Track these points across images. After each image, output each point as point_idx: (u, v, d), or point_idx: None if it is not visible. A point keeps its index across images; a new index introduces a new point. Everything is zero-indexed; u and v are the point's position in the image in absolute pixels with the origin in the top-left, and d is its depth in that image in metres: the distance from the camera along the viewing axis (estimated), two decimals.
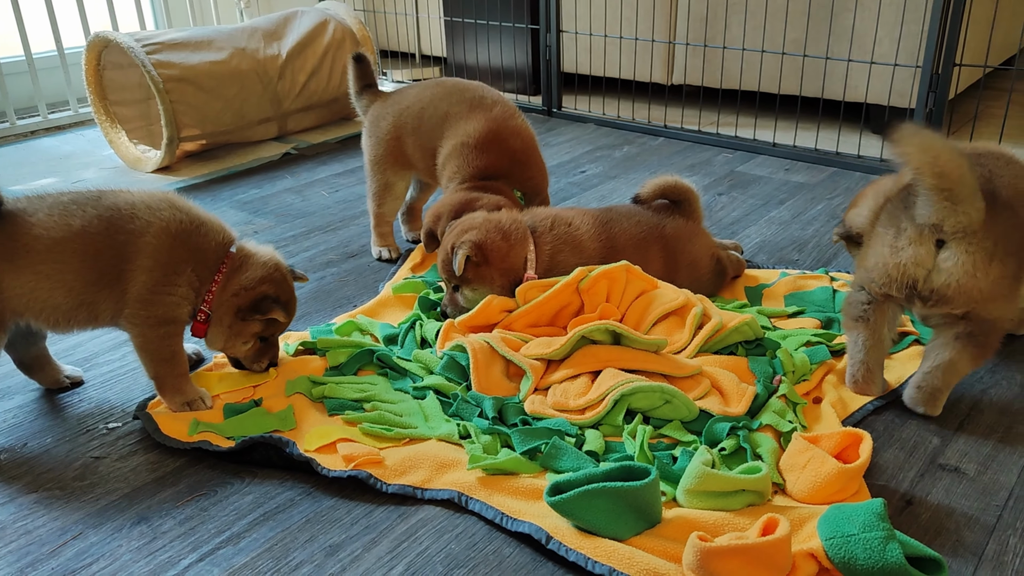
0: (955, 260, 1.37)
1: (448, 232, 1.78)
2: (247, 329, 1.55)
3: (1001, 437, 1.44)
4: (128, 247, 1.45)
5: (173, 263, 1.48)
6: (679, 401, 1.44)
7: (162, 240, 1.47)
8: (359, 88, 2.19)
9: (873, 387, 1.53)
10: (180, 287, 1.48)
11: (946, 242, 1.38)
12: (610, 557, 1.15)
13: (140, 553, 1.23)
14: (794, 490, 1.28)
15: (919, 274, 1.40)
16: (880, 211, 1.54)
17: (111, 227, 1.45)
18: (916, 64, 2.72)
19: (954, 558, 1.18)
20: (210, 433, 1.46)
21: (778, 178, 2.73)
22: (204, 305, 1.51)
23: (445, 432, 1.44)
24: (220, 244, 1.54)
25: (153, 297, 1.46)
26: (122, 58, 2.95)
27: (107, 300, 1.47)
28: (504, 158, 1.99)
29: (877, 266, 1.44)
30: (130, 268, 1.45)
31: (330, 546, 1.24)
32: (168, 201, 1.52)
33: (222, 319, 1.52)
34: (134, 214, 1.47)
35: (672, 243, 1.84)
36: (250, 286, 1.53)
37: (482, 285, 1.73)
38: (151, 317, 1.47)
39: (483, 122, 2.00)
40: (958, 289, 1.38)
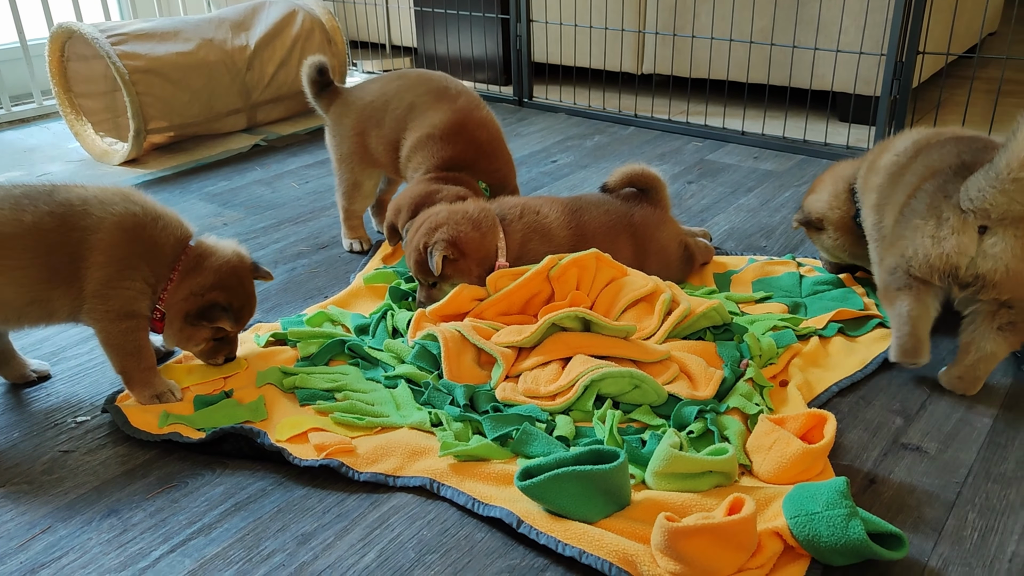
0: (1004, 245, 1.38)
1: (413, 230, 1.76)
2: (198, 334, 1.54)
3: (962, 416, 1.47)
4: (82, 244, 1.43)
5: (128, 258, 1.46)
6: (648, 386, 1.46)
7: (116, 235, 1.45)
8: (317, 91, 2.14)
9: (922, 355, 1.50)
10: (136, 281, 1.47)
11: (990, 228, 1.39)
12: (580, 539, 1.16)
13: (110, 545, 1.23)
14: (760, 471, 1.31)
15: (962, 262, 1.41)
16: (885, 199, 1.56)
17: (64, 223, 1.43)
18: (881, 52, 2.75)
19: (915, 534, 1.21)
20: (180, 425, 1.46)
21: (747, 166, 2.75)
22: (159, 303, 1.51)
23: (417, 420, 1.45)
24: (177, 240, 1.52)
25: (109, 292, 1.45)
26: (87, 49, 2.91)
27: (63, 297, 1.45)
28: (469, 149, 1.98)
29: (917, 256, 1.45)
30: (84, 265, 1.43)
31: (302, 535, 1.24)
32: (123, 195, 1.50)
33: (172, 321, 1.52)
34: (87, 210, 1.45)
35: (641, 231, 1.86)
36: (199, 292, 1.51)
37: (460, 278, 1.73)
38: (110, 312, 1.46)
39: (448, 113, 1.98)
40: (1006, 274, 1.39)
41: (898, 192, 1.60)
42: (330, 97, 2.15)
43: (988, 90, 3.48)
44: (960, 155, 1.51)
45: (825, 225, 1.84)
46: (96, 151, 2.91)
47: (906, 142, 1.69)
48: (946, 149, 1.56)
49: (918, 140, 1.67)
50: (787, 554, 1.15)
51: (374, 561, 1.19)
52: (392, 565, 1.18)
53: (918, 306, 1.49)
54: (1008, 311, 1.46)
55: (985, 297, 1.45)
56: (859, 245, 1.81)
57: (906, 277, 1.49)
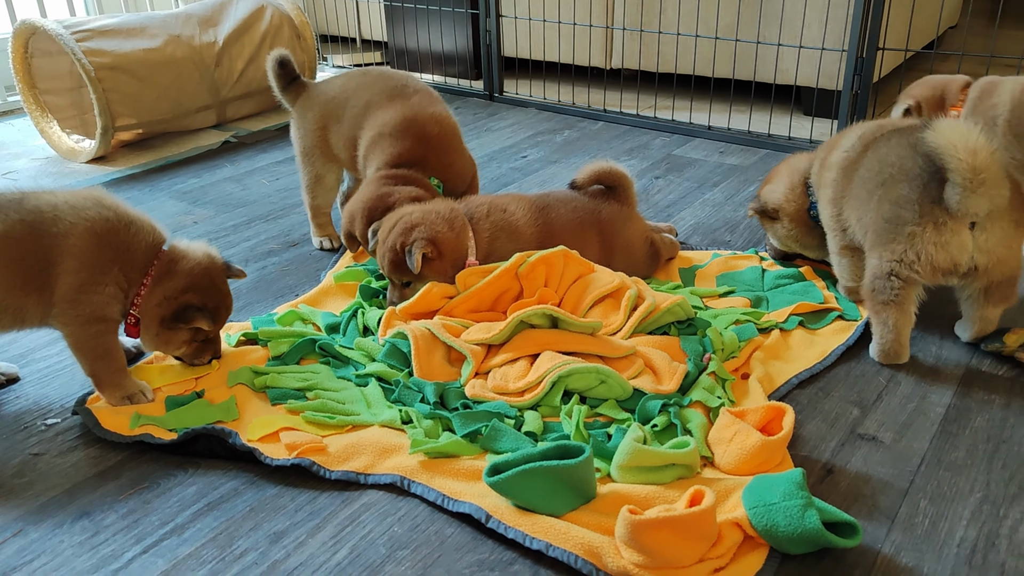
0: (994, 239, 1.51)
1: (386, 230, 1.77)
2: (175, 337, 1.55)
3: (916, 407, 1.52)
4: (53, 251, 1.43)
5: (99, 263, 1.46)
6: (614, 381, 1.49)
7: (87, 241, 1.45)
8: (284, 85, 2.14)
9: (903, 357, 1.64)
10: (108, 286, 1.47)
11: (978, 223, 1.50)
12: (547, 533, 1.20)
13: (83, 548, 1.24)
14: (722, 462, 1.35)
15: (963, 259, 1.51)
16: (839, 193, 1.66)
17: (34, 231, 1.42)
18: (842, 48, 2.81)
19: (869, 522, 1.26)
20: (152, 426, 1.47)
21: (713, 161, 2.80)
22: (133, 308, 1.51)
23: (387, 418, 1.47)
24: (150, 245, 1.52)
25: (80, 297, 1.45)
26: (51, 45, 2.89)
27: (34, 304, 1.45)
28: (419, 145, 1.97)
29: (920, 261, 1.53)
30: (56, 271, 1.43)
31: (275, 533, 1.26)
32: (94, 199, 1.50)
33: (148, 326, 1.52)
34: (57, 216, 1.44)
35: (607, 227, 1.89)
36: (173, 296, 1.52)
37: (435, 278, 1.75)
38: (80, 316, 1.46)
39: (400, 110, 1.98)
40: (998, 263, 1.52)
41: (857, 188, 1.66)
42: (296, 91, 2.16)
43: None
44: (917, 148, 1.57)
45: (781, 216, 1.91)
46: (63, 148, 2.89)
47: (852, 138, 1.76)
48: (894, 142, 1.63)
49: (863, 135, 1.74)
50: (746, 543, 1.19)
51: (346, 558, 1.21)
52: (363, 561, 1.20)
53: (903, 316, 1.60)
54: (998, 286, 1.59)
55: (979, 284, 1.58)
56: (811, 236, 1.90)
57: (898, 285, 1.56)
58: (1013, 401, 1.52)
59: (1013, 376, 1.60)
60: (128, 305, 1.51)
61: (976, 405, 1.52)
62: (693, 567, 1.14)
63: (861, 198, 1.65)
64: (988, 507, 1.28)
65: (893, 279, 1.57)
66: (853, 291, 1.81)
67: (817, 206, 1.84)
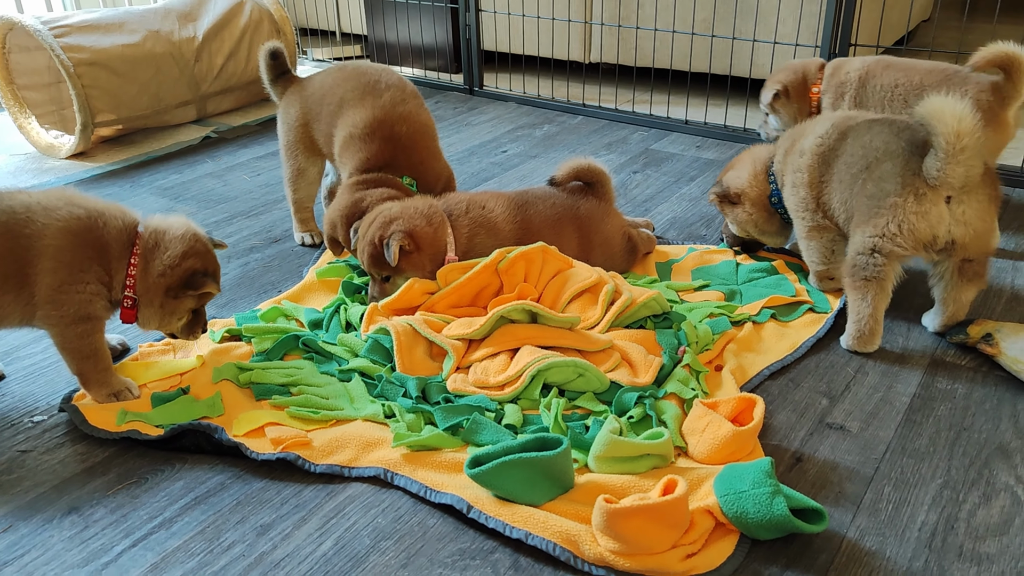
0: (970, 211, 1.57)
1: (365, 225, 1.80)
2: (181, 306, 1.56)
3: (883, 396, 1.58)
4: (28, 252, 1.44)
5: (77, 262, 1.47)
6: (591, 374, 1.53)
7: (61, 240, 1.46)
8: (273, 77, 2.18)
9: (875, 342, 1.69)
10: (88, 284, 1.48)
11: (954, 197, 1.57)
12: (526, 522, 1.24)
13: (72, 542, 1.27)
14: (695, 452, 1.39)
15: (941, 230, 1.58)
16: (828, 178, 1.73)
17: (8, 232, 1.44)
18: (816, 45, 2.86)
19: (836, 507, 1.31)
20: (138, 422, 1.49)
21: (689, 155, 2.84)
22: (127, 291, 1.52)
23: (370, 413, 1.50)
24: (122, 230, 1.53)
25: (62, 297, 1.46)
26: (28, 40, 2.88)
27: (12, 304, 1.46)
28: (387, 147, 1.98)
29: (902, 232, 1.59)
30: (32, 272, 1.45)
31: (261, 526, 1.29)
32: (65, 199, 1.51)
33: (152, 300, 1.53)
34: (30, 217, 1.45)
35: (586, 223, 1.93)
36: (174, 263, 1.52)
37: (414, 272, 1.78)
38: (64, 316, 1.47)
39: (369, 111, 1.99)
40: (975, 236, 1.59)
41: (840, 172, 1.74)
42: (284, 85, 2.19)
43: None
44: (900, 134, 1.65)
45: (743, 200, 1.98)
46: (41, 144, 2.88)
47: (825, 125, 1.82)
48: (876, 130, 1.70)
49: (837, 123, 1.80)
50: (718, 530, 1.24)
51: (331, 549, 1.25)
52: (348, 552, 1.24)
53: (882, 293, 1.66)
54: (971, 264, 1.65)
55: (955, 259, 1.65)
56: (769, 222, 1.99)
57: (880, 261, 1.62)
58: (975, 390, 1.58)
59: (975, 366, 1.65)
60: (118, 294, 1.52)
61: (940, 394, 1.57)
62: (667, 553, 1.18)
63: (845, 181, 1.73)
64: (948, 492, 1.34)
65: (876, 255, 1.63)
66: (823, 275, 1.87)
67: (780, 193, 1.92)
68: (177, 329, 1.60)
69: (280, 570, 1.21)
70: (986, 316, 1.81)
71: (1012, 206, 2.37)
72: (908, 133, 1.65)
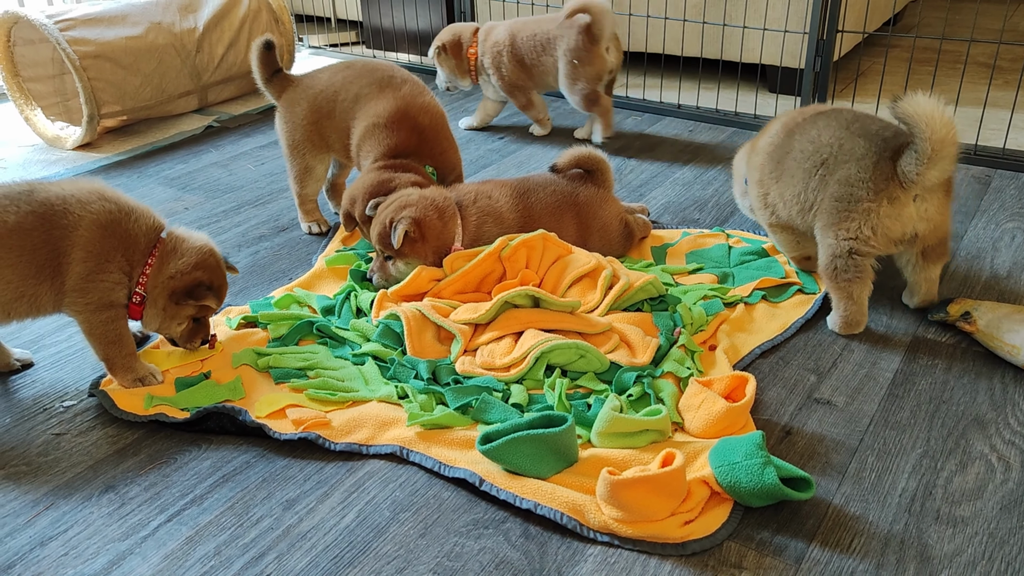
0: (932, 208, 1.67)
1: (384, 205, 1.90)
2: (181, 312, 1.64)
3: (867, 372, 1.67)
4: (63, 241, 1.52)
5: (105, 251, 1.55)
6: (592, 355, 1.62)
7: (94, 232, 1.54)
8: (267, 75, 2.22)
9: (861, 326, 1.78)
10: (112, 273, 1.56)
11: (919, 195, 1.65)
12: (535, 493, 1.33)
13: (112, 518, 1.36)
14: (691, 427, 1.49)
15: (910, 228, 1.68)
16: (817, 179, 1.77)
17: (45, 223, 1.52)
18: (804, 31, 2.93)
19: (823, 477, 1.41)
20: (165, 406, 1.58)
21: (682, 139, 2.92)
22: (138, 287, 1.60)
23: (385, 394, 1.59)
24: (150, 229, 1.61)
25: (88, 285, 1.54)
26: (32, 33, 2.93)
27: (47, 292, 1.54)
28: (413, 135, 2.08)
29: (876, 235, 1.68)
30: (66, 261, 1.53)
31: (287, 500, 1.38)
32: (98, 193, 1.59)
33: (156, 301, 1.61)
34: (67, 209, 1.53)
35: (584, 210, 2.02)
36: (185, 271, 1.61)
37: (415, 258, 1.87)
38: (90, 303, 1.56)
39: (392, 101, 2.08)
40: (936, 229, 1.70)
41: (792, 168, 1.81)
42: (281, 84, 2.23)
43: (906, 58, 3.69)
44: (850, 127, 1.72)
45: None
46: (48, 136, 2.94)
47: (777, 125, 1.92)
48: (822, 124, 1.77)
49: (786, 122, 1.89)
50: (713, 498, 1.34)
51: (354, 521, 1.34)
52: (370, 524, 1.33)
53: (865, 287, 1.75)
54: (933, 248, 1.75)
55: (918, 248, 1.74)
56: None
57: (859, 262, 1.70)
58: (954, 365, 1.68)
59: (955, 343, 1.75)
60: (132, 287, 1.60)
61: (921, 370, 1.67)
62: (666, 520, 1.28)
63: (797, 177, 1.80)
64: (927, 461, 1.43)
65: (855, 257, 1.71)
66: (797, 259, 1.97)
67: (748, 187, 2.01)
68: (176, 334, 1.68)
69: (307, 541, 1.30)
70: (965, 295, 1.90)
71: (993, 188, 2.46)
72: (858, 126, 1.72)
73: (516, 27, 2.84)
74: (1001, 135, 2.76)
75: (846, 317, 1.77)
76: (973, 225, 2.24)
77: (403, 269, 1.88)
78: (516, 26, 2.84)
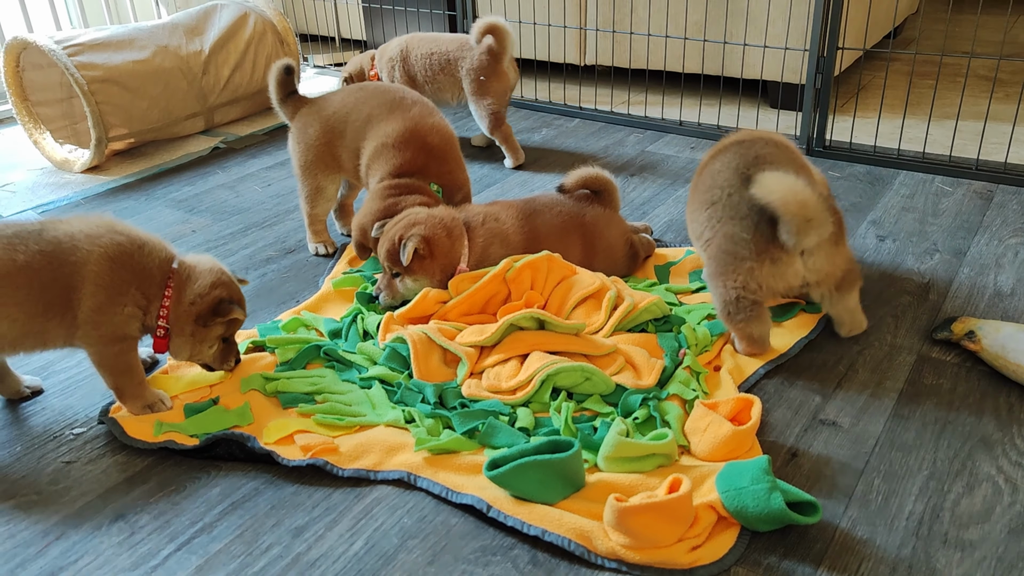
0: (821, 260, 1.68)
1: (393, 222, 1.92)
2: (210, 334, 1.65)
3: (872, 392, 1.68)
4: (73, 278, 1.53)
5: (116, 285, 1.56)
6: (597, 378, 1.63)
7: (103, 266, 1.55)
8: (282, 96, 2.25)
9: (766, 350, 1.79)
10: (126, 307, 1.57)
11: (806, 251, 1.66)
12: (542, 520, 1.34)
13: (122, 547, 1.37)
14: (697, 450, 1.49)
15: (797, 282, 1.69)
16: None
17: (54, 260, 1.53)
18: (804, 48, 2.94)
19: (829, 500, 1.41)
20: (174, 432, 1.59)
21: (685, 156, 2.93)
22: (161, 320, 1.61)
23: (392, 418, 1.60)
24: (163, 261, 1.63)
25: (100, 318, 1.56)
26: (40, 58, 2.96)
27: (57, 328, 1.55)
28: (421, 155, 2.11)
29: (761, 290, 1.69)
30: (76, 297, 1.54)
31: (295, 528, 1.39)
32: (107, 226, 1.60)
33: (183, 329, 1.63)
34: (75, 245, 1.54)
35: (590, 230, 2.03)
36: (204, 293, 1.63)
37: (423, 277, 1.89)
38: (103, 336, 1.57)
39: (401, 122, 2.12)
40: (827, 276, 1.69)
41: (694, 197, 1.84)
42: (295, 105, 2.27)
43: (907, 71, 3.71)
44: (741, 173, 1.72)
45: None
46: (57, 159, 2.97)
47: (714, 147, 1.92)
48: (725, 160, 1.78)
49: (716, 146, 1.90)
50: (720, 523, 1.34)
51: (362, 548, 1.35)
52: (378, 551, 1.34)
53: (762, 325, 1.75)
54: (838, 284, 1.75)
55: (816, 292, 1.75)
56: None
57: (748, 307, 1.71)
58: (959, 385, 1.68)
59: (959, 361, 1.76)
60: (152, 321, 1.61)
61: (926, 390, 1.67)
62: (674, 546, 1.28)
63: (695, 206, 1.83)
64: (934, 483, 1.44)
65: (742, 301, 1.71)
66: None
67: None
68: (209, 358, 1.70)
69: (316, 569, 1.31)
70: (969, 313, 1.91)
71: (995, 203, 2.47)
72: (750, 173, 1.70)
73: (411, 43, 3.00)
74: (1003, 149, 2.77)
75: (750, 348, 1.77)
76: (976, 241, 2.24)
77: (411, 287, 1.90)
78: (412, 42, 3.00)
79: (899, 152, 2.78)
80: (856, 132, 2.98)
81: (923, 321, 1.89)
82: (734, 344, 1.79)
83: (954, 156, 2.73)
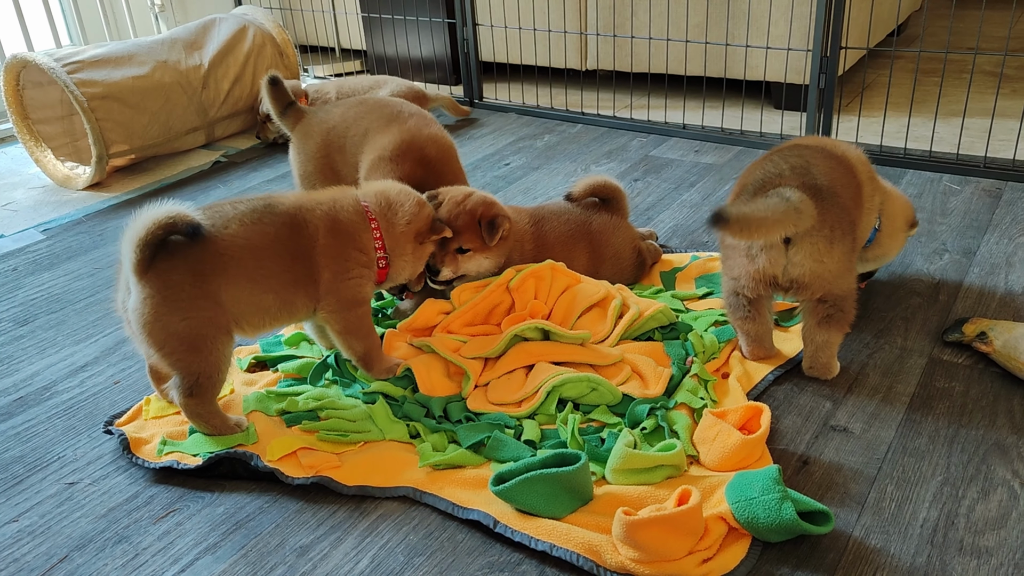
0: (804, 253, 1.59)
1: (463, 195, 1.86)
2: (425, 251, 1.77)
3: (883, 397, 1.65)
4: (311, 249, 1.61)
5: (341, 254, 1.64)
6: (604, 388, 1.61)
7: (327, 239, 1.63)
8: (281, 109, 2.24)
9: (769, 354, 1.76)
10: (353, 269, 1.65)
11: (792, 240, 1.59)
12: (550, 534, 1.32)
13: (125, 570, 1.35)
14: (706, 460, 1.47)
15: (777, 271, 1.62)
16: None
17: (294, 232, 1.60)
18: (807, 48, 2.92)
19: (841, 508, 1.39)
20: (177, 452, 1.57)
21: (688, 160, 2.91)
22: (379, 251, 1.68)
23: (396, 433, 1.58)
24: (357, 210, 1.68)
25: (339, 285, 1.63)
26: (40, 76, 2.96)
27: (303, 298, 1.63)
28: (419, 166, 2.09)
29: (741, 277, 1.65)
30: (316, 268, 1.62)
31: (300, 547, 1.38)
32: (309, 199, 1.66)
33: (404, 251, 1.71)
34: (305, 219, 1.62)
35: (598, 238, 2.01)
36: (417, 212, 1.72)
37: (493, 257, 1.88)
38: (343, 301, 1.64)
39: (397, 134, 2.10)
40: (812, 276, 1.60)
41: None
42: (295, 117, 2.26)
43: (911, 69, 3.68)
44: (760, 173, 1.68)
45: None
46: (58, 177, 2.97)
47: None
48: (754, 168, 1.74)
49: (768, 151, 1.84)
50: (731, 535, 1.32)
51: (368, 566, 1.33)
52: (384, 569, 1.32)
53: (759, 327, 1.72)
54: (823, 305, 1.64)
55: (803, 297, 1.65)
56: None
57: (745, 303, 1.68)
58: (971, 388, 1.65)
59: (971, 364, 1.73)
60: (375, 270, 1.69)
61: (938, 393, 1.65)
62: (684, 559, 1.26)
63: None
64: (948, 489, 1.41)
65: (739, 297, 1.68)
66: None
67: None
68: (414, 276, 1.79)
69: None
70: (980, 314, 1.88)
71: (1004, 201, 2.44)
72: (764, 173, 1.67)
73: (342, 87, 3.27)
74: (1011, 146, 2.74)
75: (750, 350, 1.75)
76: (986, 240, 2.21)
77: (485, 265, 1.88)
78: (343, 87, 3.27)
79: (905, 151, 2.75)
80: (861, 131, 2.95)
81: (933, 323, 1.87)
82: (741, 350, 1.77)
83: (961, 154, 2.71)
